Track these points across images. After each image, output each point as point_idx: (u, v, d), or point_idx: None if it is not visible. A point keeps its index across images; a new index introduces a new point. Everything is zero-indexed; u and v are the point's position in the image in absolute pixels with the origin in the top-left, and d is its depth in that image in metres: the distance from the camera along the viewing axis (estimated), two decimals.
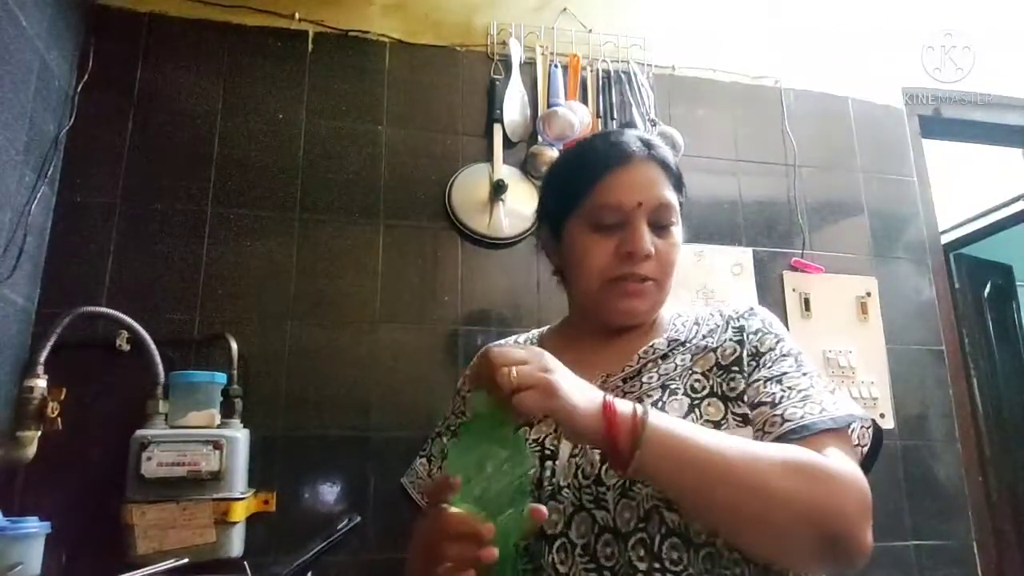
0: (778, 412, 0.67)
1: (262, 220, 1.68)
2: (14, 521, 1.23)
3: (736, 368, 0.74)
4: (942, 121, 2.24)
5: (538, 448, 0.75)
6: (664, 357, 0.78)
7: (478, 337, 1.73)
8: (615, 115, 1.96)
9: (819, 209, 2.05)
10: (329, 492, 1.57)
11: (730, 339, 0.77)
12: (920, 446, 1.91)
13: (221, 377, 1.50)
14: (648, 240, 0.76)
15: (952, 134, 2.35)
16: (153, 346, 1.48)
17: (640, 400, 0.71)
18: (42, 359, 1.37)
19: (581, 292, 0.82)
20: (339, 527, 1.39)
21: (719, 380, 0.74)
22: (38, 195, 1.47)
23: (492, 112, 1.87)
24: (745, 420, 0.70)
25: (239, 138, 1.71)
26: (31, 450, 1.34)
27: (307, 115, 1.77)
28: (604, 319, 0.82)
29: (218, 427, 1.44)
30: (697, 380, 0.74)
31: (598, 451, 0.69)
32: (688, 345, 0.78)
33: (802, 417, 0.66)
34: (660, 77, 2.02)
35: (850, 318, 1.96)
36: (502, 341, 0.95)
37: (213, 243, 1.64)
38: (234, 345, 1.54)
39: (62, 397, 1.38)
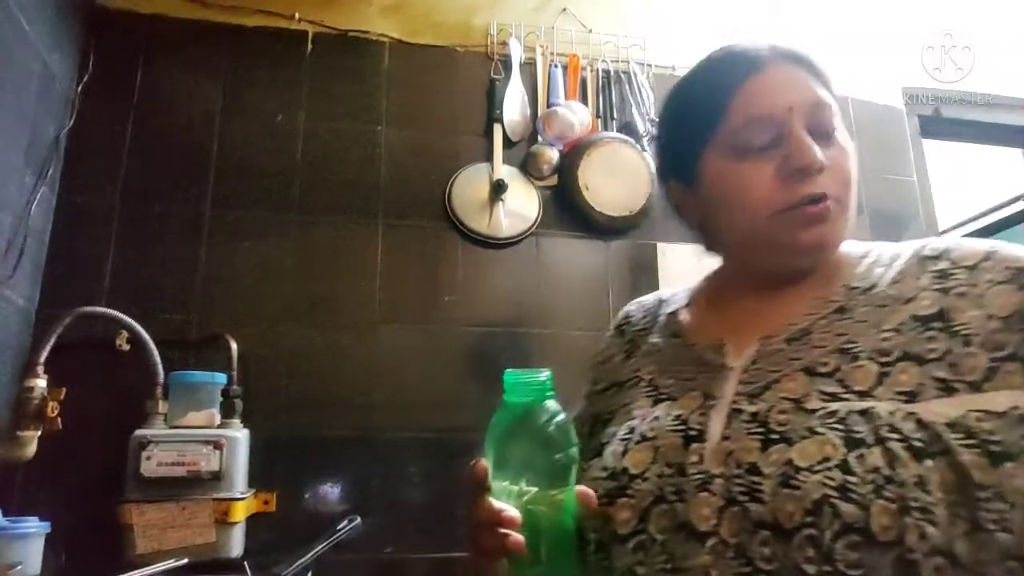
0: None
1: (261, 221, 1.68)
2: (13, 521, 1.24)
3: (938, 325, 0.55)
4: (942, 121, 2.24)
5: (681, 427, 0.60)
6: (841, 310, 0.61)
7: (478, 338, 1.73)
8: (615, 115, 1.96)
9: None
10: (329, 493, 1.57)
11: (928, 288, 0.58)
12: None
13: (221, 377, 1.50)
14: (816, 148, 0.61)
15: (952, 134, 2.35)
16: (153, 346, 1.48)
17: (808, 369, 0.57)
18: (42, 359, 1.37)
19: (744, 235, 0.65)
20: (339, 528, 1.40)
21: (913, 335, 0.56)
22: (38, 196, 1.47)
23: (492, 112, 1.87)
24: (947, 388, 0.52)
25: (238, 139, 1.72)
26: (31, 450, 1.34)
27: (306, 115, 1.77)
28: (780, 261, 0.65)
29: (218, 427, 1.45)
30: (886, 338, 0.56)
31: (755, 435, 0.56)
32: (872, 293, 0.61)
33: None
34: (660, 77, 2.02)
35: None
36: (644, 297, 0.82)
37: (212, 244, 1.64)
38: (234, 345, 1.54)
39: (62, 397, 1.38)
